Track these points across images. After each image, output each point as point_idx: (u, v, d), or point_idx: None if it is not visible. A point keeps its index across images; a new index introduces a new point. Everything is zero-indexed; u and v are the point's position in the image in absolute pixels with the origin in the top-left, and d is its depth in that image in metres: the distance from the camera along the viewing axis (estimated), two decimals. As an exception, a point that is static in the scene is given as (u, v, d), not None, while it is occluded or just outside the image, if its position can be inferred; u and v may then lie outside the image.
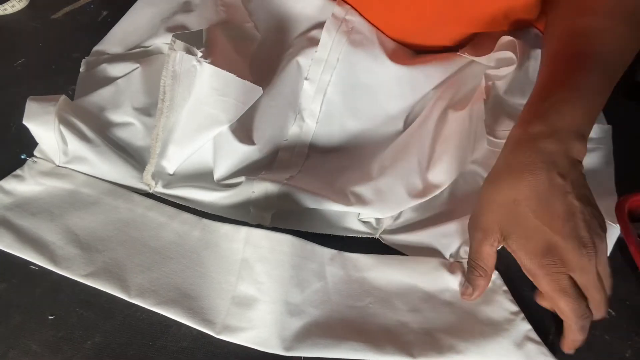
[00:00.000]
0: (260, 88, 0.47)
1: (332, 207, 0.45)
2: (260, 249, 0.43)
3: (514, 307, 0.41)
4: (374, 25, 0.55)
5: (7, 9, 0.67)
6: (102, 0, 0.69)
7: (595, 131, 0.50)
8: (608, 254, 0.38)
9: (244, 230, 0.44)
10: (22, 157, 0.49)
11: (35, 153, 0.49)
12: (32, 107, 0.47)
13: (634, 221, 0.45)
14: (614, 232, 0.44)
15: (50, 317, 0.40)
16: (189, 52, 0.41)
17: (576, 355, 0.40)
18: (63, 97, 0.48)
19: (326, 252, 0.44)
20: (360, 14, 0.55)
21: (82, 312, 0.41)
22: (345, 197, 0.46)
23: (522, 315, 0.40)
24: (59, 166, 0.48)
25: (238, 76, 0.45)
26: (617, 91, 0.42)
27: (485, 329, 0.40)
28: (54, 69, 0.60)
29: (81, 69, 0.58)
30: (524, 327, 0.40)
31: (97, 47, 0.60)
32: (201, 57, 0.41)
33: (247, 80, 0.46)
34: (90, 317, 0.40)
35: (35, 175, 0.47)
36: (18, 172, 0.48)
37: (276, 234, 0.44)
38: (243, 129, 0.49)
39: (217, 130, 0.47)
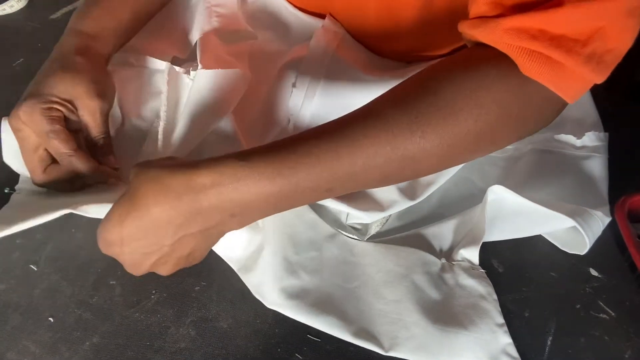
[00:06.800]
0: (249, 73, 0.48)
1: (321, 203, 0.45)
2: None
3: (500, 319, 0.40)
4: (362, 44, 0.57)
5: (6, 9, 0.67)
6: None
7: (591, 138, 0.50)
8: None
9: None
10: (6, 191, 0.47)
11: (16, 188, 0.47)
12: (10, 143, 0.45)
13: (633, 221, 0.45)
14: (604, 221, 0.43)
15: (48, 319, 0.40)
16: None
17: (576, 355, 0.40)
18: None
19: (327, 229, 0.45)
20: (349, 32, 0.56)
21: (81, 313, 0.41)
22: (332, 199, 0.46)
23: (506, 328, 0.40)
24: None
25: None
26: (617, 91, 0.41)
27: (464, 335, 0.39)
28: (52, 69, 0.59)
29: None
30: (504, 340, 0.39)
31: None
32: (193, 68, 0.44)
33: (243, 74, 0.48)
34: (89, 318, 0.40)
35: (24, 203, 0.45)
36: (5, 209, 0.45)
37: None
38: (237, 136, 0.50)
39: (216, 123, 0.48)
